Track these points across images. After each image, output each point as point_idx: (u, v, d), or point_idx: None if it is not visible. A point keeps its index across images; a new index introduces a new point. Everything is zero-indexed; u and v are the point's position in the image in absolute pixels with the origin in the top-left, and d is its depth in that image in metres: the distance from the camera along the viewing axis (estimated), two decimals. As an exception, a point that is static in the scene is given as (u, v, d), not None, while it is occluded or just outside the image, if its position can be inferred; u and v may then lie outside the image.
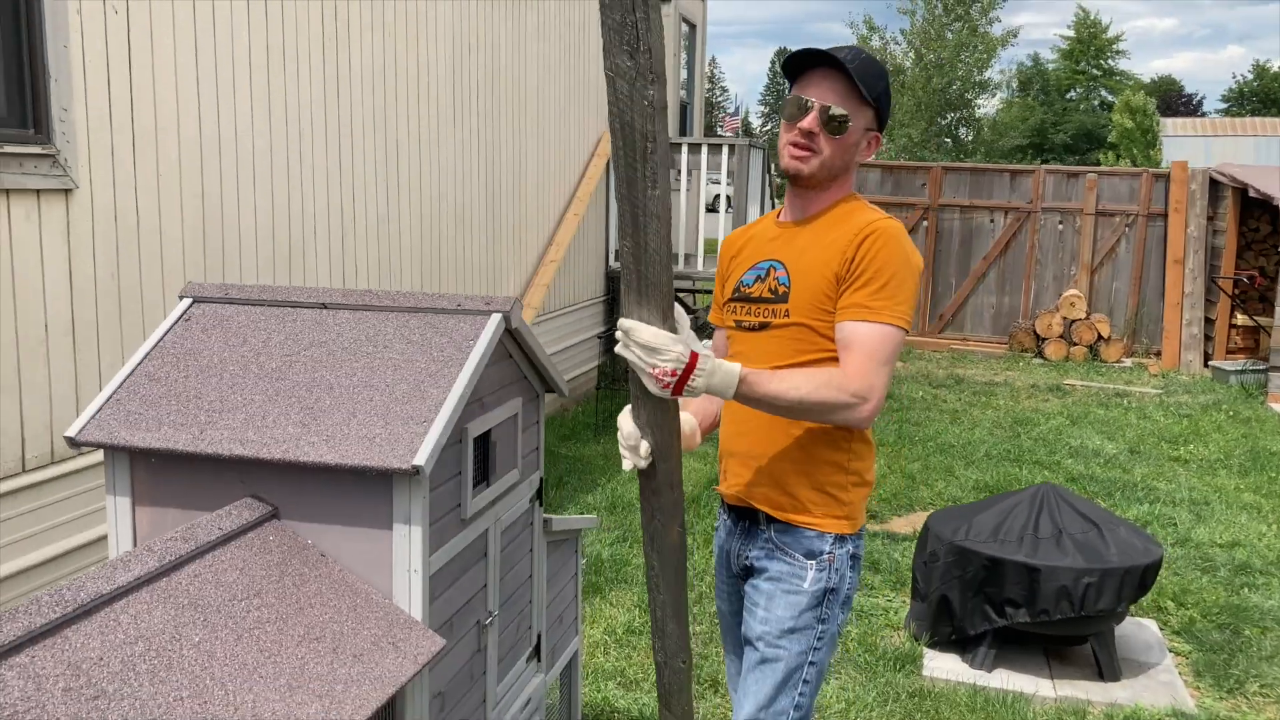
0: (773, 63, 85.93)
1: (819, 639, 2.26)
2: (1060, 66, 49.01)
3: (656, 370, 1.89)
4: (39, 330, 3.32)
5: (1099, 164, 32.00)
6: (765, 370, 2.06)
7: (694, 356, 1.90)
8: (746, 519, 2.34)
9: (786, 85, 2.22)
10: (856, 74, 2.10)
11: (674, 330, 1.92)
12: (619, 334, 1.92)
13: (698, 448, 2.36)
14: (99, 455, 3.47)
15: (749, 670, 2.29)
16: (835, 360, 2.14)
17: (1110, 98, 44.47)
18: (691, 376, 1.91)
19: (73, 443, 2.10)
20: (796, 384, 2.03)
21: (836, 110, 2.11)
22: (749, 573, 2.34)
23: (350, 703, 1.73)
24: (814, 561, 2.23)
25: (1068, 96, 48.73)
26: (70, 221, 3.41)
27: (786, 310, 2.17)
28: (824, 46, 2.16)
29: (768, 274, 2.23)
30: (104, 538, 3.57)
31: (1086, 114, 47.11)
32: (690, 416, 2.36)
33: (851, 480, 2.25)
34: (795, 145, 2.15)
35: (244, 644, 1.72)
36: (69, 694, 1.46)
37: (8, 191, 3.18)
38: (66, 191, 3.38)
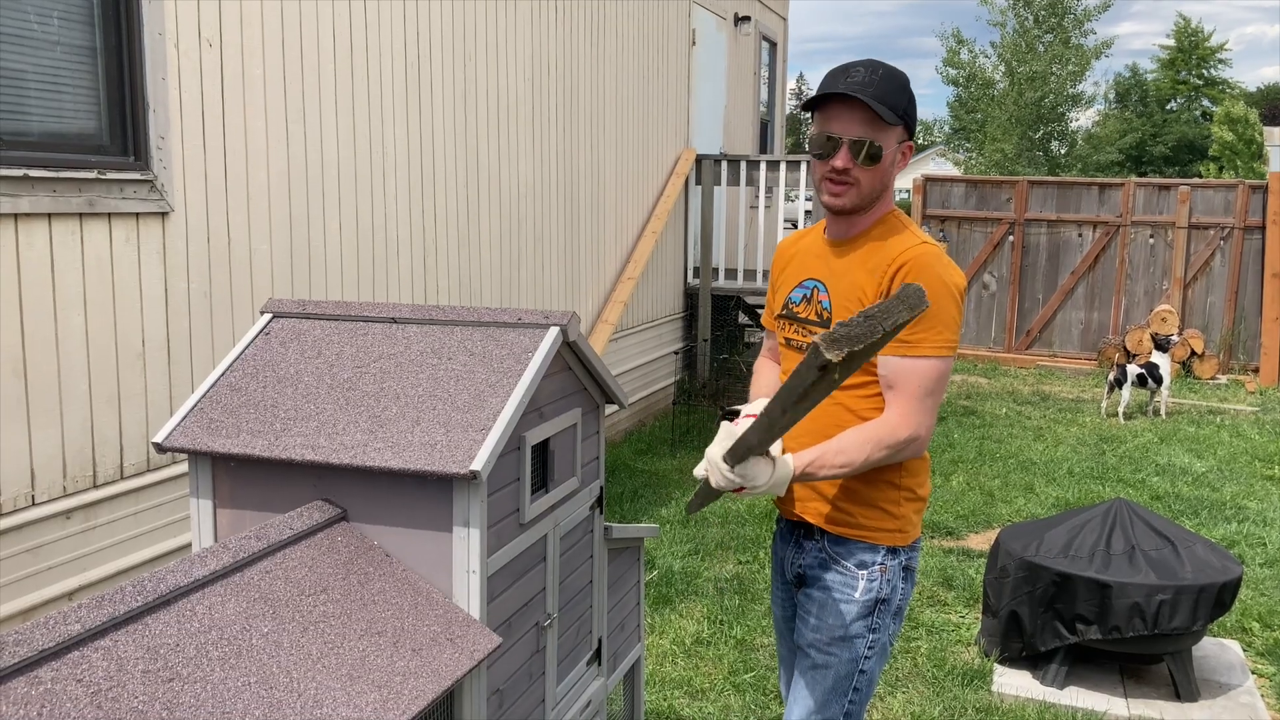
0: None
1: (870, 648, 2.29)
2: (1160, 77, 47.79)
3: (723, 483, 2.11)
4: (137, 345, 3.53)
5: (1200, 176, 31.11)
6: (813, 453, 2.14)
7: (741, 490, 2.11)
8: (800, 529, 2.39)
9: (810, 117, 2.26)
10: (877, 99, 2.08)
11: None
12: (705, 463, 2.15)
13: None
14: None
15: (800, 676, 2.34)
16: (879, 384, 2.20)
17: (1213, 108, 43.21)
18: (743, 493, 2.12)
19: (160, 448, 2.25)
20: (850, 459, 2.12)
21: (866, 141, 2.12)
22: (802, 581, 2.39)
23: (408, 693, 1.83)
24: (865, 572, 2.27)
25: (1168, 107, 47.48)
26: (166, 243, 3.62)
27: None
28: (846, 61, 2.17)
29: (812, 294, 2.29)
30: (195, 542, 3.76)
31: (1188, 125, 45.83)
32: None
33: (904, 495, 2.28)
34: (831, 181, 2.17)
35: (309, 636, 1.84)
36: (147, 675, 1.59)
37: (109, 215, 3.40)
38: (163, 215, 3.59)
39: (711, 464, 2.10)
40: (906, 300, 1.60)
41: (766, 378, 2.54)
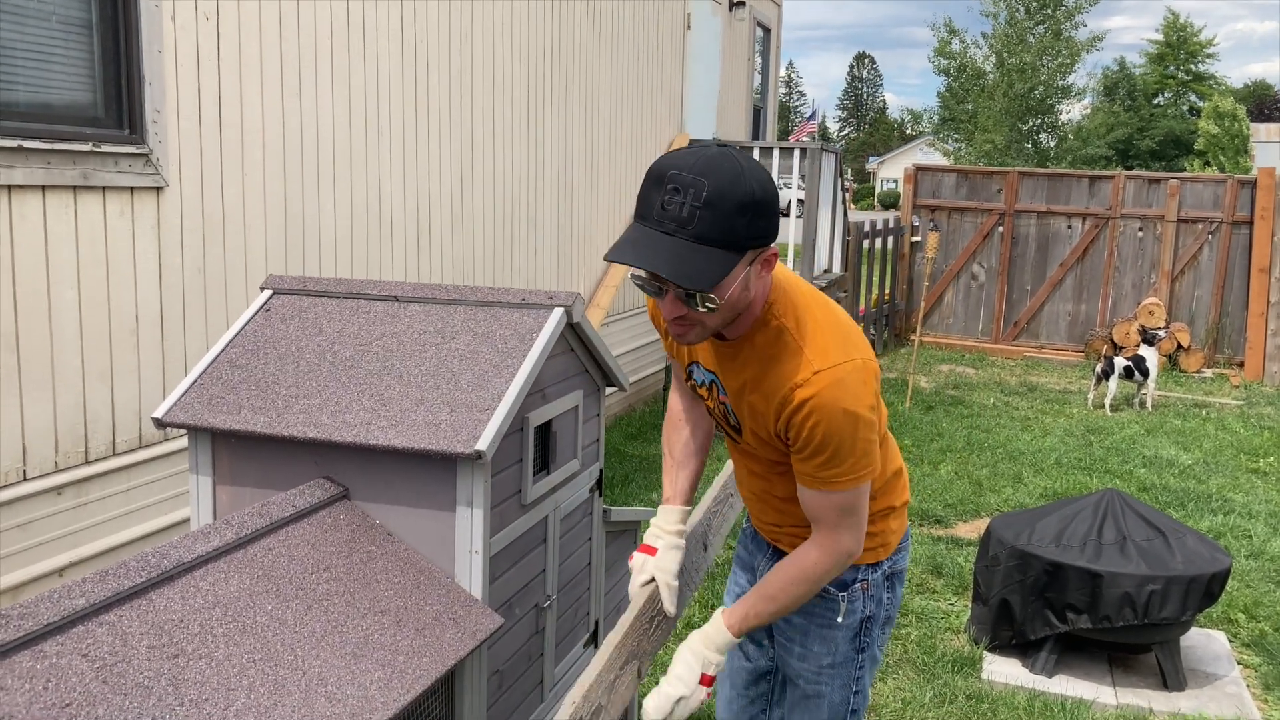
0: (851, 67, 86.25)
1: (860, 667, 2.18)
2: (1148, 71, 47.97)
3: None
4: (130, 320, 3.49)
5: (1185, 170, 31.27)
6: (742, 608, 1.97)
7: (705, 678, 1.94)
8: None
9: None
10: (699, 238, 1.63)
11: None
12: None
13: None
14: (183, 441, 3.64)
15: (793, 706, 2.24)
16: None
17: (1200, 102, 43.41)
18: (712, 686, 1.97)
19: (159, 424, 2.23)
20: (782, 604, 1.96)
21: (695, 291, 1.69)
22: None
23: (411, 672, 1.82)
24: (845, 593, 2.11)
25: (1155, 102, 47.67)
26: (161, 217, 3.58)
27: (747, 441, 2.00)
28: (673, 164, 1.65)
29: (712, 389, 2.00)
30: (187, 520, 3.74)
31: (1175, 119, 46.04)
32: (677, 554, 2.12)
33: (880, 513, 2.12)
34: (672, 323, 1.79)
35: (313, 613, 1.83)
36: (152, 651, 1.58)
37: (104, 189, 3.36)
38: (158, 189, 3.55)
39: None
40: None
41: (679, 445, 2.22)
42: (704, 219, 1.62)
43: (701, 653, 1.95)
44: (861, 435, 1.82)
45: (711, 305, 1.70)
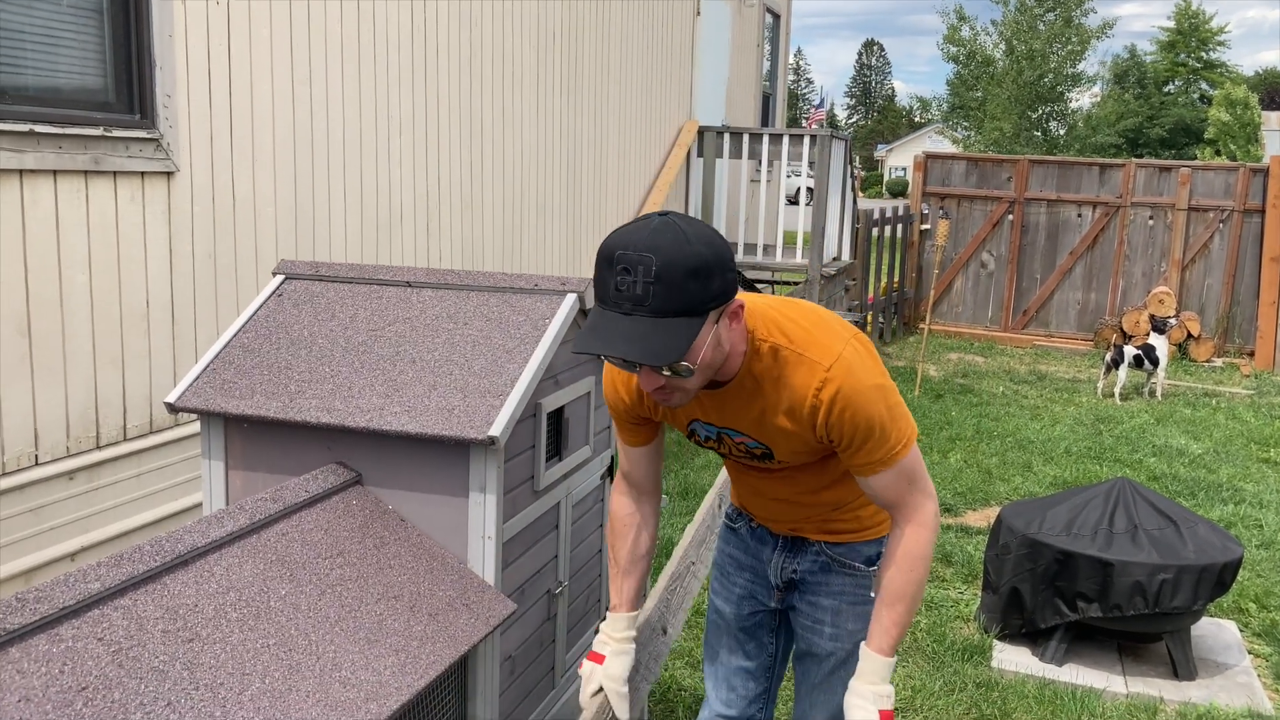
0: (860, 54, 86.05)
1: None
2: (1159, 59, 47.72)
3: None
4: (141, 305, 3.49)
5: (1195, 159, 31.14)
6: (880, 631, 1.94)
7: (885, 715, 1.91)
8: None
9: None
10: (659, 312, 1.63)
11: None
12: None
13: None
14: (193, 427, 3.64)
15: (819, 683, 2.22)
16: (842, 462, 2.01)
17: (1211, 90, 43.19)
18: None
19: (172, 408, 2.23)
20: (916, 593, 1.93)
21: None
22: (793, 585, 2.23)
23: (425, 658, 1.82)
24: (874, 568, 2.13)
25: (1165, 90, 47.43)
26: (171, 203, 3.57)
27: (781, 461, 2.01)
28: (621, 243, 1.65)
29: (722, 439, 2.01)
30: (197, 506, 3.75)
31: (1186, 108, 45.81)
32: (626, 660, 2.08)
33: None
34: (654, 394, 1.79)
35: (327, 599, 1.83)
36: (167, 635, 1.58)
37: (114, 174, 3.35)
38: (168, 174, 3.55)
39: None
40: None
41: (624, 552, 2.13)
42: (658, 294, 1.62)
43: (868, 692, 1.91)
44: (891, 401, 1.88)
45: (686, 371, 1.71)
